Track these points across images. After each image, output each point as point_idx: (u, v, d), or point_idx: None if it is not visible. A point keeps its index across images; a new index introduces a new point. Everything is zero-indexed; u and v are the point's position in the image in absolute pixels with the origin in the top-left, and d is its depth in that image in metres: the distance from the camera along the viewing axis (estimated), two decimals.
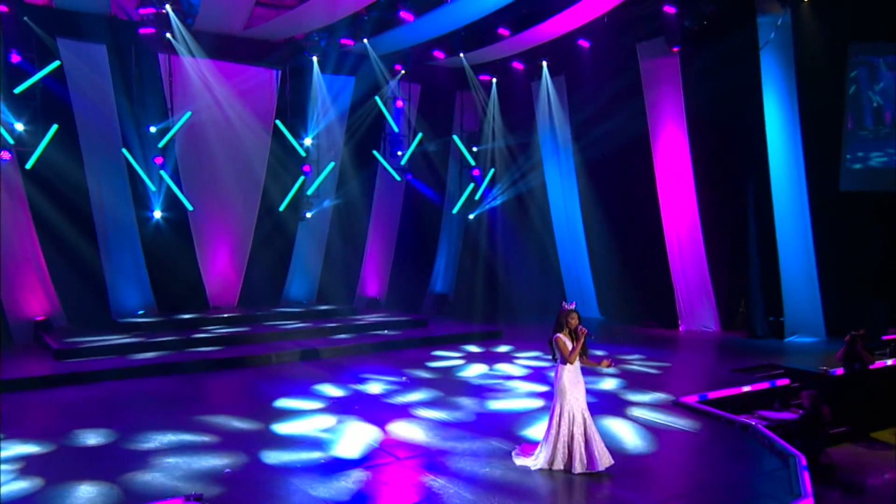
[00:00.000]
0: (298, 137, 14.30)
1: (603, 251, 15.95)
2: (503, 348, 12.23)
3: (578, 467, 5.88)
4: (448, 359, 11.18)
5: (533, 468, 6.01)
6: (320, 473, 5.96)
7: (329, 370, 10.22)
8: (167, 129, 12.73)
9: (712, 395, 8.59)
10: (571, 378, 6.04)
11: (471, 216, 16.81)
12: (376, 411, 7.92)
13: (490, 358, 11.31)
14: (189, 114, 12.96)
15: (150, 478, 5.80)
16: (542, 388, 9.04)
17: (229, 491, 5.53)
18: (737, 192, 13.54)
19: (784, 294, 12.90)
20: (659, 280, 14.60)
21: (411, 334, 12.98)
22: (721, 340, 13.19)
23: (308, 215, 14.70)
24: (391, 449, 6.67)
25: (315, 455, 6.43)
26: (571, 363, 6.04)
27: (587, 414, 6.03)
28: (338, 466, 6.14)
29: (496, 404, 8.33)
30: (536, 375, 9.86)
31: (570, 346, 6.04)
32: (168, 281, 12.96)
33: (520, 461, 6.19)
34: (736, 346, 12.43)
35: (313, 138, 14.52)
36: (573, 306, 6.16)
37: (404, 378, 9.73)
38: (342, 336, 12.53)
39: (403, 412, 7.95)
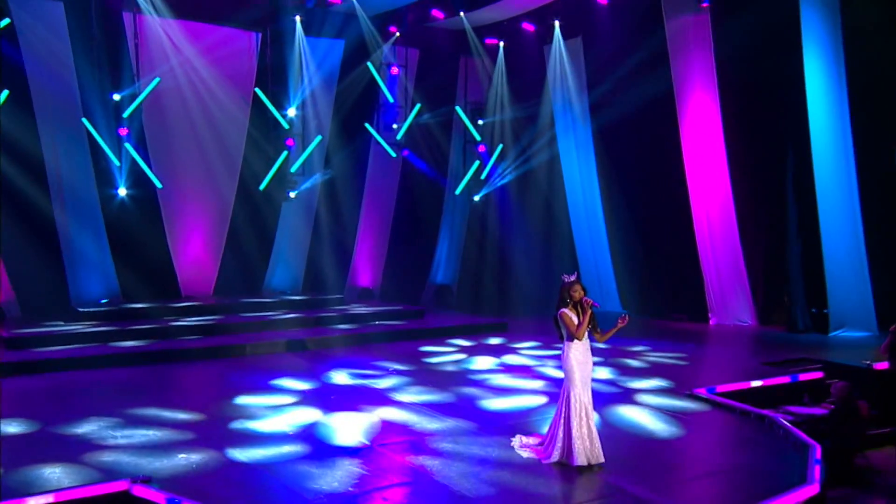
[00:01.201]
0: (280, 108, 14.52)
1: (624, 235, 16.06)
2: (495, 340, 12.45)
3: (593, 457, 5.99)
4: (442, 354, 11.34)
5: (544, 462, 6.11)
6: (291, 460, 6.13)
7: (309, 361, 10.45)
8: (133, 97, 12.98)
9: (732, 387, 8.70)
10: (580, 357, 6.13)
11: (476, 197, 16.95)
12: (353, 401, 8.15)
13: (489, 350, 11.50)
14: (157, 80, 13.20)
15: (95, 462, 6.00)
16: (536, 384, 9.15)
17: (190, 481, 5.71)
18: (775, 167, 13.56)
19: (828, 282, 12.89)
20: (687, 268, 14.67)
21: (405, 326, 13.22)
22: (756, 334, 13.26)
23: (292, 195, 14.91)
24: (367, 436, 6.85)
25: (285, 446, 6.61)
26: (580, 339, 6.13)
27: (590, 397, 6.12)
28: (318, 455, 6.32)
29: (487, 398, 8.48)
30: (536, 367, 9.99)
31: (576, 320, 6.12)
32: (134, 267, 13.21)
33: (526, 453, 6.30)
34: (772, 340, 12.50)
35: (297, 109, 14.73)
36: (574, 278, 6.24)
37: (389, 369, 9.92)
38: (328, 327, 12.77)
39: (382, 400, 8.21)
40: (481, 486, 5.66)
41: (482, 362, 10.58)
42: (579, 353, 6.14)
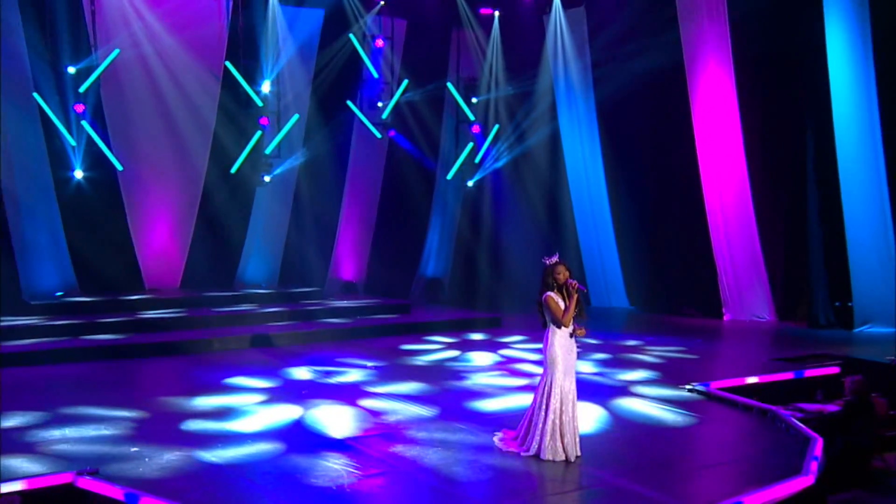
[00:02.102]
0: (254, 83, 14.60)
1: (630, 223, 16.20)
2: (486, 336, 12.65)
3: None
4: (426, 350, 11.49)
5: (523, 454, 6.25)
6: (268, 460, 6.29)
7: (282, 358, 10.61)
8: (90, 70, 13.07)
9: (733, 382, 8.90)
10: (564, 344, 6.24)
11: (469, 182, 17.07)
12: (327, 396, 8.33)
13: (478, 346, 11.69)
14: (117, 51, 13.29)
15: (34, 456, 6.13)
16: (525, 381, 9.30)
17: (142, 475, 5.84)
18: (795, 146, 13.69)
19: (852, 273, 13.02)
20: (699, 259, 14.82)
21: (389, 321, 13.40)
22: (773, 330, 13.45)
23: (267, 179, 15.04)
24: (342, 430, 6.99)
25: (259, 445, 6.76)
26: (566, 325, 6.24)
27: (574, 388, 6.23)
28: (291, 450, 6.49)
29: (471, 394, 8.66)
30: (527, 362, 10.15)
31: (562, 305, 6.22)
32: (93, 256, 13.28)
33: (507, 447, 6.43)
34: (789, 336, 12.68)
35: (272, 84, 14.84)
36: (556, 258, 6.35)
37: (368, 366, 10.09)
38: (305, 322, 12.96)
39: (358, 395, 8.39)
40: (468, 471, 5.83)
41: (470, 358, 10.78)
42: (564, 340, 6.25)
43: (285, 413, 7.70)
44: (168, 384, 9.34)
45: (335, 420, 7.41)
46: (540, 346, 6.41)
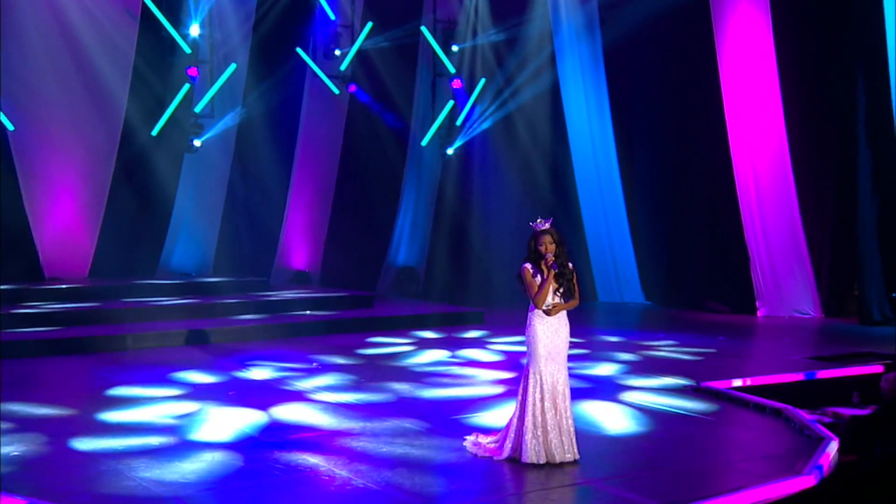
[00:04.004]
0: (180, 24, 14.77)
1: (646, 202, 16.54)
2: (464, 334, 12.95)
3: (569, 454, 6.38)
4: (389, 346, 11.78)
5: (497, 459, 6.49)
6: (158, 457, 6.56)
7: (210, 356, 10.91)
8: None
9: (756, 382, 9.25)
10: (546, 327, 6.45)
11: (449, 150, 17.33)
12: (261, 397, 8.63)
13: (451, 344, 11.99)
14: None
15: None
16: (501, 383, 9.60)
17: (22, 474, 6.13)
18: (844, 105, 13.98)
19: None
20: (727, 245, 15.21)
21: (347, 315, 13.69)
22: (816, 327, 13.83)
23: (197, 144, 15.24)
24: (268, 432, 7.30)
25: (153, 440, 7.05)
26: (538, 306, 6.45)
27: (565, 378, 6.47)
28: (184, 450, 6.76)
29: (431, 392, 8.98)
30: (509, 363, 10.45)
31: (538, 280, 6.46)
32: None
33: (479, 452, 6.67)
34: (834, 333, 13.06)
35: (202, 26, 15.03)
36: (547, 224, 6.54)
37: (314, 364, 10.38)
38: (244, 317, 13.24)
39: (297, 397, 8.70)
40: (383, 481, 6.08)
41: (437, 357, 11.03)
42: (547, 321, 6.47)
43: (203, 413, 7.97)
44: (69, 386, 9.55)
45: (254, 424, 7.63)
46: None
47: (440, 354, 11.22)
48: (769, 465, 6.56)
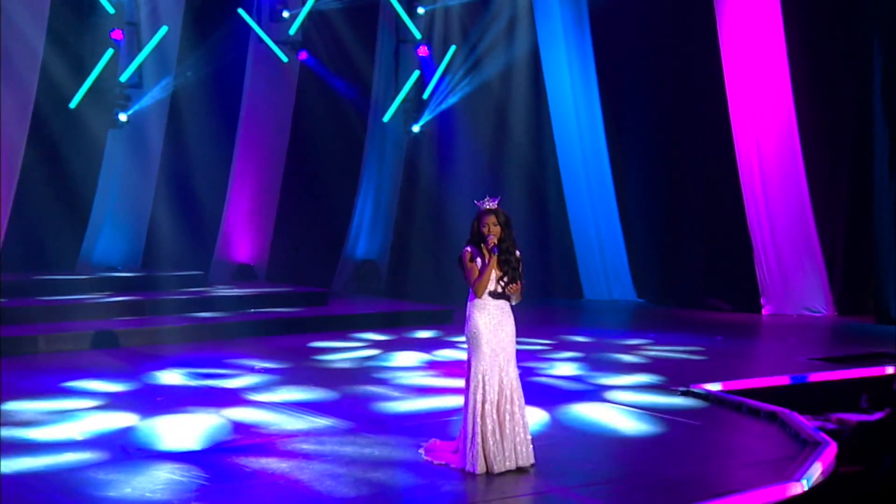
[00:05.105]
0: None
1: (638, 188, 16.67)
2: (427, 333, 13.14)
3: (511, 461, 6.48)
4: (346, 352, 11.89)
5: (453, 467, 6.61)
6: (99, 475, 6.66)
7: (135, 358, 10.97)
8: None
9: (752, 385, 9.43)
10: (488, 319, 6.55)
11: (415, 127, 17.40)
12: (191, 403, 8.78)
13: (414, 345, 12.19)
14: None
15: None
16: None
17: None
18: (859, 77, 14.16)
19: None
20: (729, 237, 15.36)
21: (297, 314, 13.81)
22: (827, 326, 14.04)
23: (123, 118, 15.23)
24: (202, 440, 7.43)
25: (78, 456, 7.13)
26: (478, 295, 6.57)
27: (514, 378, 6.59)
28: (124, 461, 6.88)
29: (390, 400, 9.14)
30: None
31: (479, 265, 6.58)
32: None
33: (436, 460, 6.80)
34: (847, 333, 13.30)
35: None
36: (494, 203, 6.64)
37: (256, 368, 10.54)
38: (175, 316, 13.29)
39: (234, 402, 8.87)
40: (346, 486, 6.22)
41: (400, 359, 11.19)
42: (489, 312, 6.59)
43: (123, 421, 8.06)
44: None
45: (193, 429, 7.78)
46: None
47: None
48: (757, 471, 6.68)
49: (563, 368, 10.60)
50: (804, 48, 14.51)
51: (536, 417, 7.88)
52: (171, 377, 10.03)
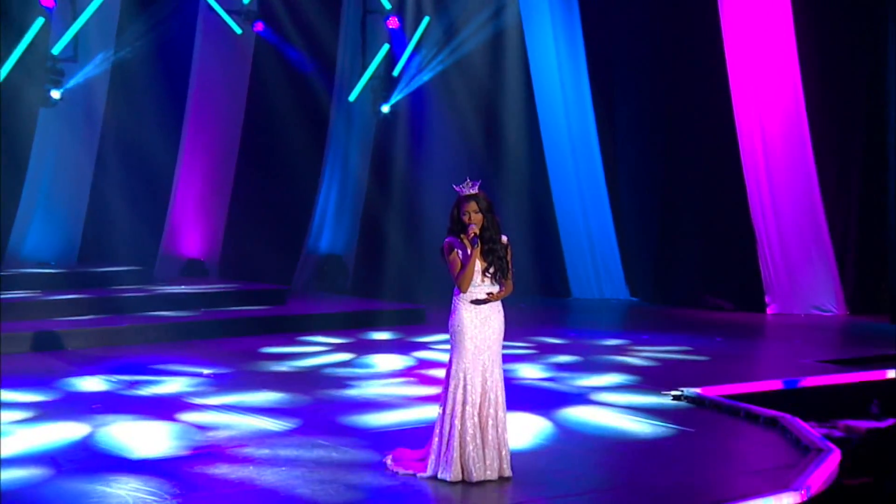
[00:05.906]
0: None
1: (632, 177, 16.77)
2: (396, 335, 13.18)
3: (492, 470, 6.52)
4: (305, 355, 11.92)
5: (419, 475, 6.65)
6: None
7: (74, 363, 10.94)
8: None
9: (751, 388, 9.50)
10: (474, 314, 6.54)
11: (384, 108, 17.41)
12: (131, 410, 8.80)
13: (384, 347, 12.27)
14: None
15: None
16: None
17: None
18: (873, 62, 14.32)
19: None
20: (731, 232, 15.44)
21: (251, 314, 13.82)
22: (837, 326, 14.17)
23: (56, 95, 15.16)
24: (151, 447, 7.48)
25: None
26: (462, 289, 6.58)
27: (499, 379, 6.62)
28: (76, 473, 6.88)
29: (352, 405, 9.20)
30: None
31: (460, 257, 6.59)
32: None
33: (401, 470, 6.83)
34: (859, 333, 13.43)
35: None
36: (475, 189, 6.65)
37: (204, 373, 10.57)
38: (115, 316, 13.25)
39: (179, 409, 8.89)
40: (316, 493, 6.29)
41: (369, 363, 11.25)
42: (475, 308, 6.64)
43: (64, 431, 8.05)
44: None
45: (136, 438, 7.77)
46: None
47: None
48: (753, 480, 6.72)
49: (545, 371, 10.67)
50: (813, 21, 14.59)
51: (516, 422, 7.90)
52: (111, 383, 9.99)
